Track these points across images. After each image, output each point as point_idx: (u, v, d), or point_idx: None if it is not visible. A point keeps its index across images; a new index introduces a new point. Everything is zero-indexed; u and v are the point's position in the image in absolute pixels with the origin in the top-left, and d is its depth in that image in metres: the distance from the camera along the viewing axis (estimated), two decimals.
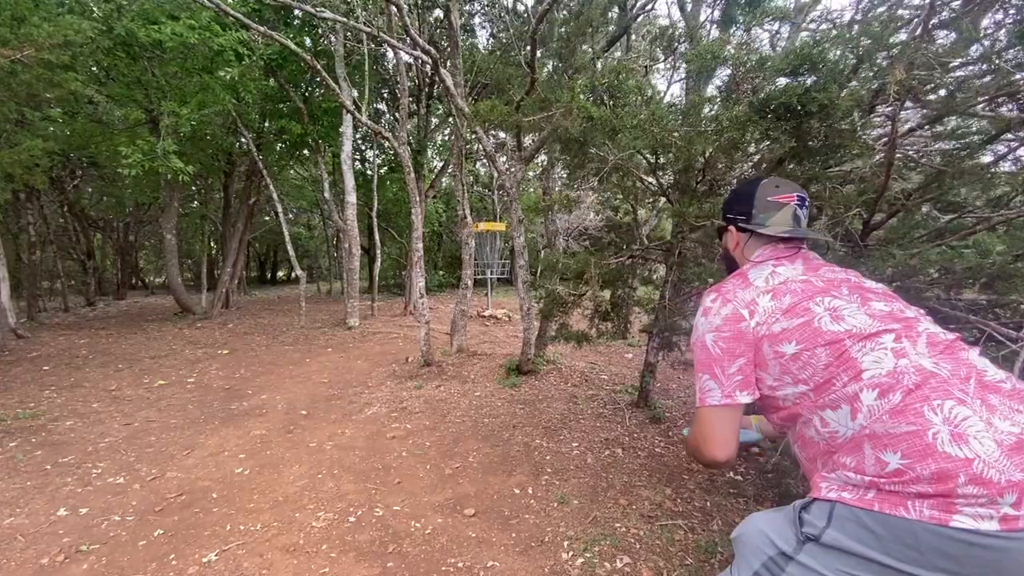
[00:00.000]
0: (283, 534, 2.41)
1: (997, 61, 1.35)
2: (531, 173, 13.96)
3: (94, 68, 7.06)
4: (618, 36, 3.27)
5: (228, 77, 5.61)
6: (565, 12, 4.00)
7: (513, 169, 4.43)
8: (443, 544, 2.32)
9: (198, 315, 9.56)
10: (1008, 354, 1.42)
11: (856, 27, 1.73)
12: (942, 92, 1.51)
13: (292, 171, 14.28)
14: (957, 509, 0.77)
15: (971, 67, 1.67)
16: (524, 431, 3.61)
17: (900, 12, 1.82)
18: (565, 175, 5.81)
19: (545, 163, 8.36)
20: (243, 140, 8.93)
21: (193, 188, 13.53)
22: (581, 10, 3.42)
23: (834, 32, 1.57)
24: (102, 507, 2.69)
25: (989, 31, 1.70)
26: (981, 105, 1.47)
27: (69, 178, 11.14)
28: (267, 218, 18.26)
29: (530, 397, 4.37)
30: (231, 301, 11.34)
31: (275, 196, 8.61)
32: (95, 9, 5.63)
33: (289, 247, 8.70)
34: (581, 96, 2.08)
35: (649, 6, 3.57)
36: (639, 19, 3.37)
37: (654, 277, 4.22)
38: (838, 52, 1.51)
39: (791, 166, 2.48)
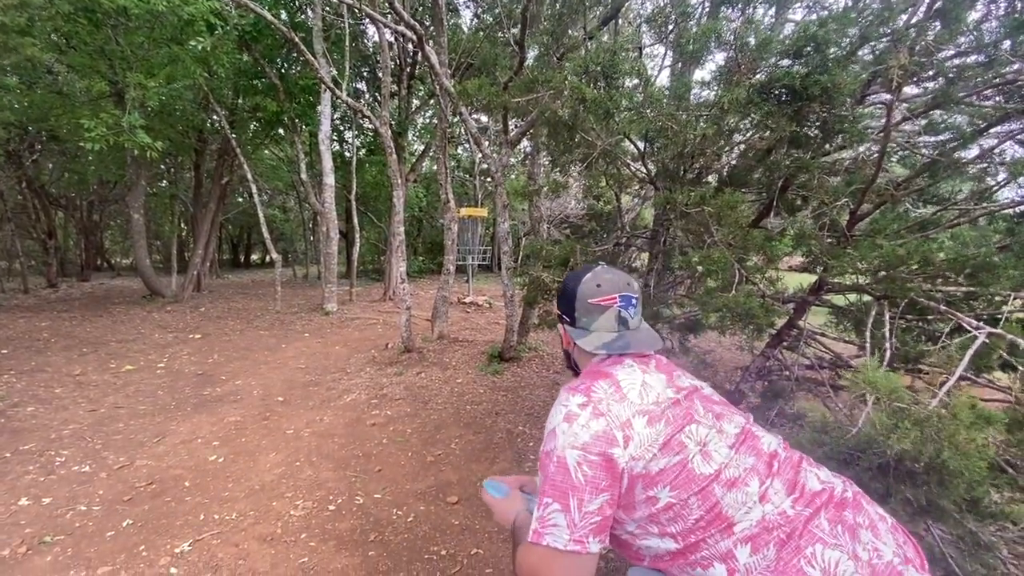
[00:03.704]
0: (260, 523, 2.35)
1: (993, 52, 1.35)
2: (514, 160, 13.83)
3: (53, 36, 6.64)
4: (610, 16, 3.21)
5: (200, 48, 5.31)
6: None
7: (498, 153, 4.35)
8: (425, 532, 2.29)
9: (168, 298, 9.24)
10: (966, 340, 1.44)
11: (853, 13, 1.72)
12: (941, 80, 1.51)
13: (267, 151, 13.82)
14: None
15: (962, 58, 1.67)
16: (507, 418, 3.59)
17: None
18: (549, 162, 5.74)
19: (529, 149, 8.27)
20: (215, 117, 8.57)
21: (162, 167, 13.01)
22: None
23: (834, 14, 1.55)
24: (67, 496, 2.57)
25: (979, 22, 1.70)
26: (973, 96, 1.48)
27: (28, 152, 10.55)
28: (240, 199, 17.72)
29: (512, 384, 4.35)
30: (203, 284, 10.99)
31: (249, 176, 8.32)
32: None
33: (264, 229, 8.43)
34: (573, 77, 2.03)
35: None
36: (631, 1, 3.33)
37: (636, 264, 4.22)
38: (843, 32, 1.50)
39: (775, 156, 2.48)
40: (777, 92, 1.57)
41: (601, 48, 2.04)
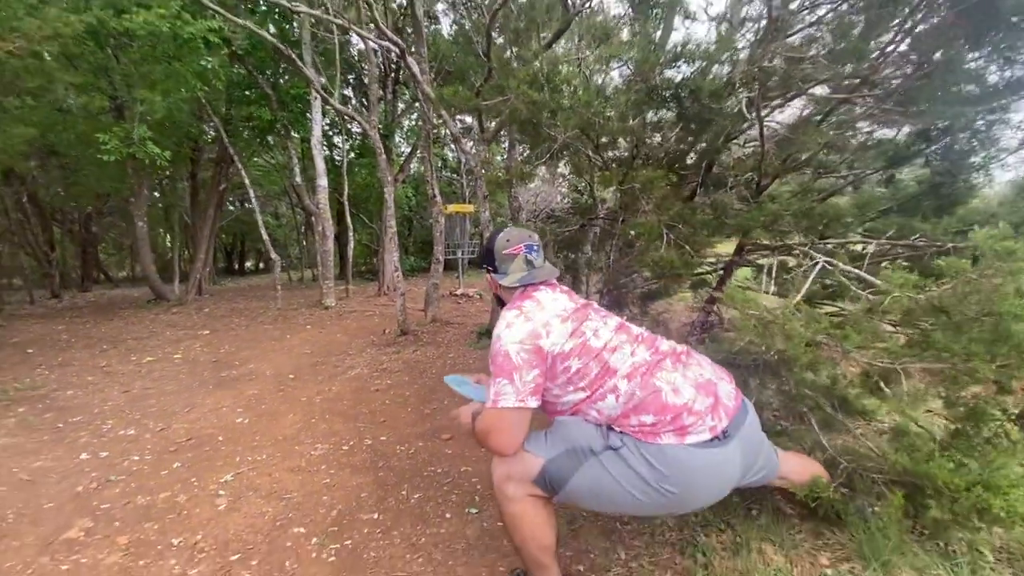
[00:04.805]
0: (287, 460, 2.85)
1: (819, 54, 1.87)
2: (499, 157, 14.33)
3: (51, 59, 7.03)
4: (562, 30, 3.74)
5: (209, 67, 5.75)
6: (515, 9, 4.42)
7: (476, 150, 4.85)
8: (424, 458, 2.80)
9: (172, 302, 9.66)
10: (807, 268, 1.97)
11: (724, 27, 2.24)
12: (778, 79, 2.03)
13: (258, 158, 14.24)
14: (688, 432, 1.34)
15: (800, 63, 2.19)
16: None
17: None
18: (526, 154, 6.27)
19: (507, 146, 8.80)
20: (211, 127, 8.99)
21: (155, 179, 13.37)
22: (532, 3, 3.86)
23: (701, 34, 2.04)
24: (120, 451, 3.06)
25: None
26: (812, 88, 2.00)
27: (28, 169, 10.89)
28: (232, 207, 18.11)
29: None
30: (203, 289, 11.41)
31: (247, 182, 8.76)
32: None
33: (262, 230, 8.87)
34: (523, 86, 2.54)
35: (587, 5, 4.03)
36: (581, 15, 3.83)
37: (606, 246, 4.75)
38: (704, 49, 2.03)
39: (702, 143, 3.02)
40: (662, 94, 2.10)
41: (545, 59, 2.55)
